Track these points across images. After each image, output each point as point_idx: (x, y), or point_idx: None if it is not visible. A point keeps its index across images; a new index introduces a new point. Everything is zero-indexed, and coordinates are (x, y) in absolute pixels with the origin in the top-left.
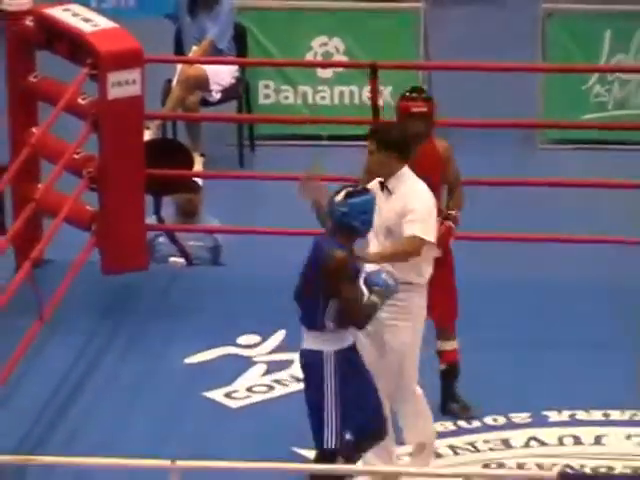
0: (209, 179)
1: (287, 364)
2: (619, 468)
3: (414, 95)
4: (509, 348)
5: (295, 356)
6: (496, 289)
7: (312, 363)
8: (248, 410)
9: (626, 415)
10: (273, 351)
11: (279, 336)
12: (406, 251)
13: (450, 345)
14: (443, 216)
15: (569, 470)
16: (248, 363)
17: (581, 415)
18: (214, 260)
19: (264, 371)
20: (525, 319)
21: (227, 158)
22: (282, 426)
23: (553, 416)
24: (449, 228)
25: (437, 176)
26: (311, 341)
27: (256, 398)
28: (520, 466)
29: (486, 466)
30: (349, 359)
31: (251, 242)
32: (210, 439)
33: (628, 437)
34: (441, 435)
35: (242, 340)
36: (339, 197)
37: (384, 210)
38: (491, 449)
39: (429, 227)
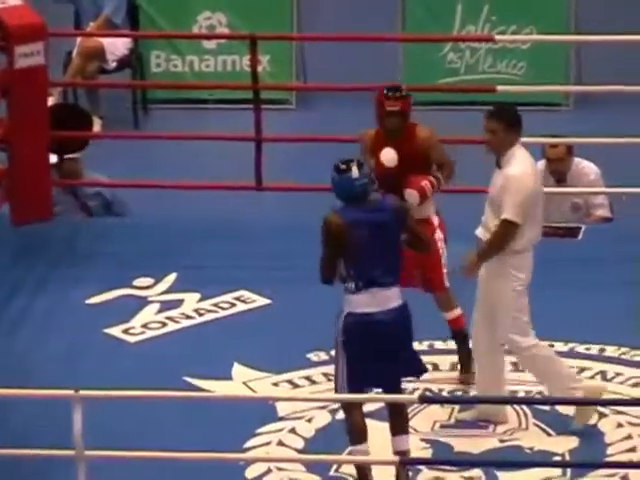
0: (107, 139)
1: (178, 303)
2: (472, 391)
3: (390, 94)
4: None
5: (185, 295)
6: None
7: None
8: (144, 344)
9: None
10: (165, 292)
11: (170, 278)
12: (498, 236)
13: (453, 314)
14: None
15: (428, 393)
16: (143, 303)
17: (438, 345)
18: (110, 212)
19: (157, 309)
20: None
21: (123, 121)
22: (175, 358)
23: (415, 346)
24: (425, 185)
25: (420, 163)
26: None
27: (151, 333)
28: None
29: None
30: (362, 325)
31: (145, 195)
32: (110, 371)
33: None
34: (316, 364)
35: (137, 282)
36: (355, 172)
37: (493, 183)
38: None
39: (519, 210)
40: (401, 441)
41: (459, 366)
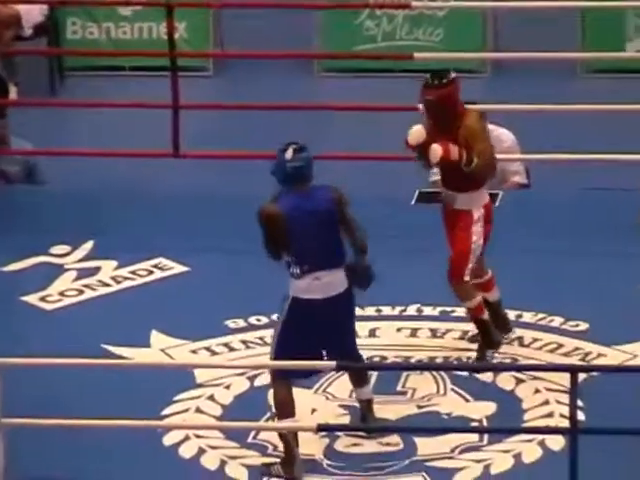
0: (23, 106)
1: (95, 271)
2: (390, 357)
3: (428, 82)
4: None
5: (102, 263)
6: None
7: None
8: (61, 312)
9: (396, 310)
10: (82, 259)
11: (87, 246)
12: None
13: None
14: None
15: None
16: (60, 270)
17: (357, 311)
18: (29, 179)
19: (74, 277)
20: None
21: (39, 88)
22: (93, 326)
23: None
24: (452, 149)
25: (471, 150)
26: None
27: (68, 301)
28: None
29: None
30: (305, 310)
31: (61, 163)
32: (28, 339)
33: (398, 330)
34: (234, 331)
35: (54, 250)
36: (289, 154)
37: None
38: None
39: None
40: (362, 392)
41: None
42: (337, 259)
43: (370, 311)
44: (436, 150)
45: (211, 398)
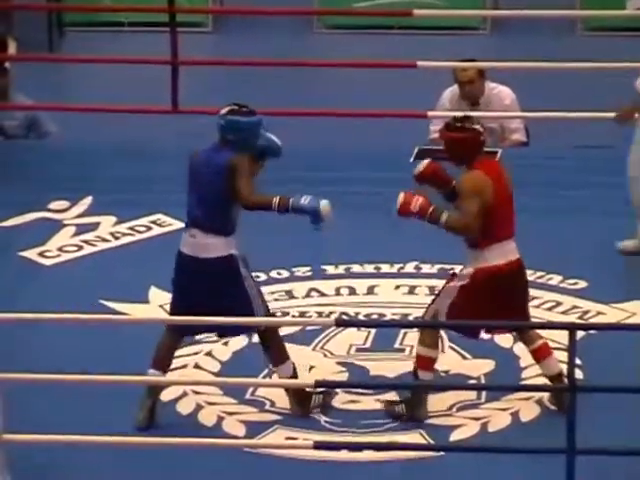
0: (22, 61)
1: (94, 226)
2: (389, 315)
3: (449, 123)
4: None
5: (101, 219)
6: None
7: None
8: (60, 267)
9: (394, 268)
10: (81, 215)
11: (86, 201)
12: None
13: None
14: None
15: (345, 317)
16: (59, 226)
17: (356, 268)
18: (29, 135)
19: (73, 233)
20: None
21: (38, 43)
22: (91, 281)
23: (330, 269)
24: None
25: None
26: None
27: (67, 257)
28: (302, 314)
29: (272, 315)
30: (181, 263)
31: (60, 118)
32: (26, 294)
33: (397, 287)
34: None
35: (53, 205)
36: (223, 110)
37: None
38: (276, 299)
39: None
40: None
41: None
42: (214, 225)
43: (369, 269)
44: (399, 198)
45: (209, 354)
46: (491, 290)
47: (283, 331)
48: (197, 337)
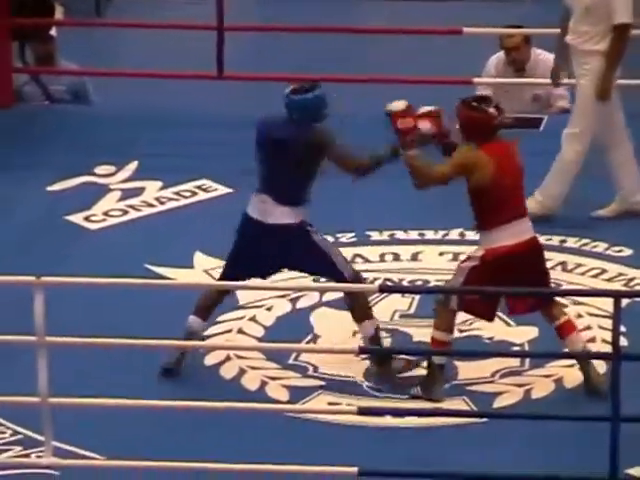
0: (69, 27)
1: (140, 191)
2: (432, 281)
3: (473, 103)
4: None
5: (146, 184)
6: None
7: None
8: (105, 232)
9: (439, 234)
10: (127, 180)
11: (132, 166)
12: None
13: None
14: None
15: (389, 283)
16: (104, 190)
17: (400, 235)
18: (75, 100)
19: (119, 197)
20: None
21: (85, 9)
22: (136, 246)
23: (375, 235)
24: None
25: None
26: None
27: (112, 221)
28: None
29: (316, 280)
30: (247, 226)
31: (107, 83)
32: (71, 258)
33: (440, 254)
34: None
35: (99, 170)
36: (287, 90)
37: None
38: None
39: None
40: (364, 327)
41: None
42: (287, 195)
43: (413, 235)
44: (399, 104)
45: (253, 319)
46: (501, 271)
47: (327, 296)
48: (244, 302)
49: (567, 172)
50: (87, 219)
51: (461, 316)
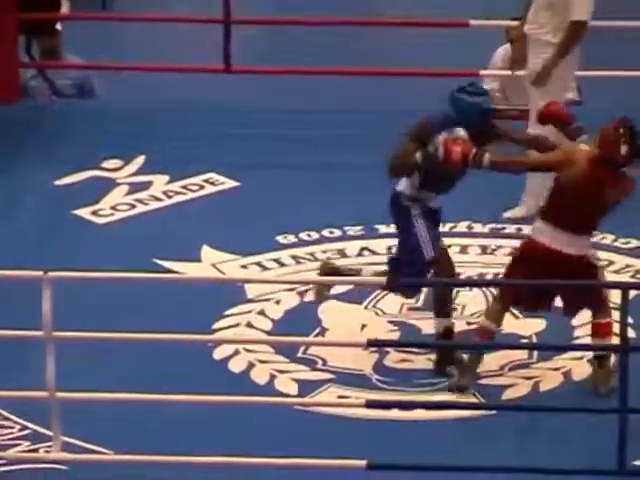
0: (75, 20)
1: (147, 185)
2: None
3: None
4: (349, 169)
5: (153, 177)
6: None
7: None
8: (113, 226)
9: (446, 227)
10: (134, 174)
11: (139, 160)
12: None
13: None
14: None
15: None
16: (112, 184)
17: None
18: (81, 94)
19: (126, 191)
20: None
21: (91, 2)
22: (144, 240)
23: (382, 228)
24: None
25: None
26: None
27: (120, 215)
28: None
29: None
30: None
31: (113, 77)
32: (79, 253)
33: (449, 246)
34: (285, 246)
35: (106, 164)
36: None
37: None
38: (328, 258)
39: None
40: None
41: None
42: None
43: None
44: (439, 149)
45: (261, 313)
46: (530, 264)
47: (335, 290)
48: (252, 296)
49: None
50: (95, 213)
51: (469, 308)
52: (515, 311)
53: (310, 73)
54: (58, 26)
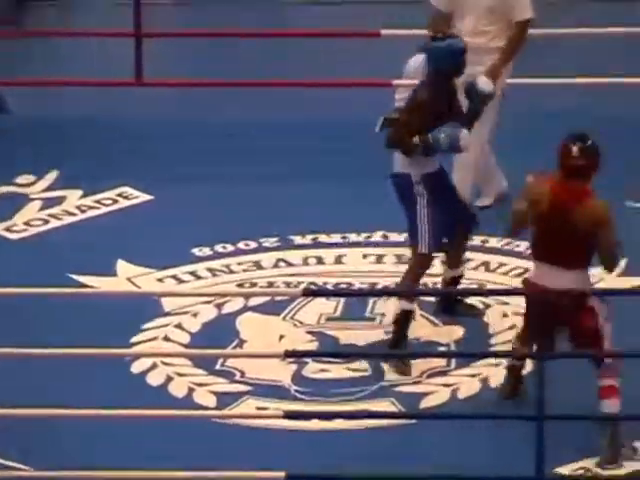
0: None
1: (60, 200)
2: (357, 284)
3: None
4: (262, 180)
5: (67, 192)
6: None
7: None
8: (27, 241)
9: (362, 237)
10: (47, 189)
11: (52, 176)
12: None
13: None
14: None
15: (313, 287)
16: (25, 200)
17: (323, 238)
18: None
19: (40, 207)
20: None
21: (1, 17)
22: (59, 255)
23: (298, 239)
24: None
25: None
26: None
27: (34, 231)
28: (270, 284)
29: (240, 285)
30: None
31: (24, 92)
32: None
33: (364, 256)
34: (200, 259)
35: (19, 180)
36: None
37: None
38: (244, 270)
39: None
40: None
41: None
42: None
43: (336, 238)
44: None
45: (179, 326)
46: (529, 303)
47: (252, 301)
48: (169, 309)
49: (471, 166)
50: (8, 229)
51: (387, 318)
52: (434, 319)
53: (221, 85)
54: None
